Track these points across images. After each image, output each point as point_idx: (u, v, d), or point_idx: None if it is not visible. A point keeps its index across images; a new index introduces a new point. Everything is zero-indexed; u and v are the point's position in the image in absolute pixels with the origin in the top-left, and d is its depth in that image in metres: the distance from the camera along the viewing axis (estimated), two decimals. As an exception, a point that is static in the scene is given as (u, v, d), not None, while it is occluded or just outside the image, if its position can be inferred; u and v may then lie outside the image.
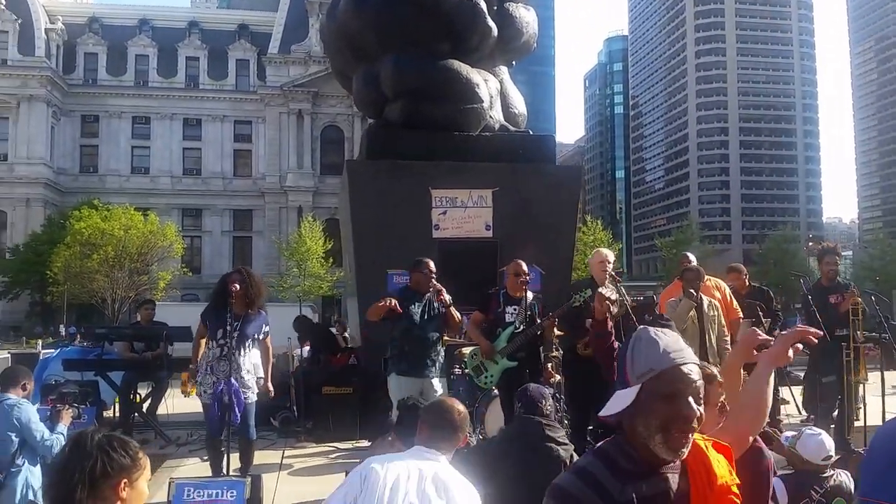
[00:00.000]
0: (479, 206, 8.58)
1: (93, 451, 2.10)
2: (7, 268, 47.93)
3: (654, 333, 1.80)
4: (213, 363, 5.88)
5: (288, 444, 7.83)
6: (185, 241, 50.21)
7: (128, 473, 2.12)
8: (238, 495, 4.97)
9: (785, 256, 55.44)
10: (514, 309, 6.26)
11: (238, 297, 5.86)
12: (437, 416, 3.02)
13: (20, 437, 4.62)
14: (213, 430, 5.92)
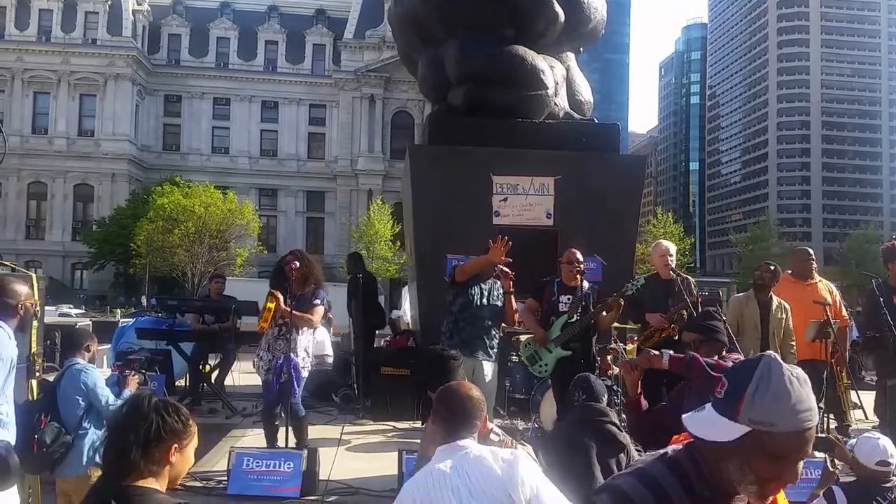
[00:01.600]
0: (540, 194, 8.58)
1: (149, 413, 2.19)
2: (93, 239, 50.25)
3: (788, 379, 1.53)
4: (270, 342, 6.09)
5: (347, 421, 8.02)
6: (261, 220, 51.55)
7: (179, 439, 2.21)
8: (295, 467, 5.18)
9: (866, 257, 53.29)
10: (569, 298, 6.24)
11: (296, 277, 6.04)
12: (448, 408, 2.82)
13: (86, 400, 4.87)
14: (269, 404, 6.16)
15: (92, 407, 4.88)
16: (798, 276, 7.48)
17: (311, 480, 5.22)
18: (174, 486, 2.30)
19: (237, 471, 5.11)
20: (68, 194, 56.68)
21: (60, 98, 56.39)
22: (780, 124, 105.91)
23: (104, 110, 56.38)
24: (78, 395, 4.83)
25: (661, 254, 6.51)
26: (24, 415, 4.85)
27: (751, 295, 6.93)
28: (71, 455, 4.80)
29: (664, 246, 6.68)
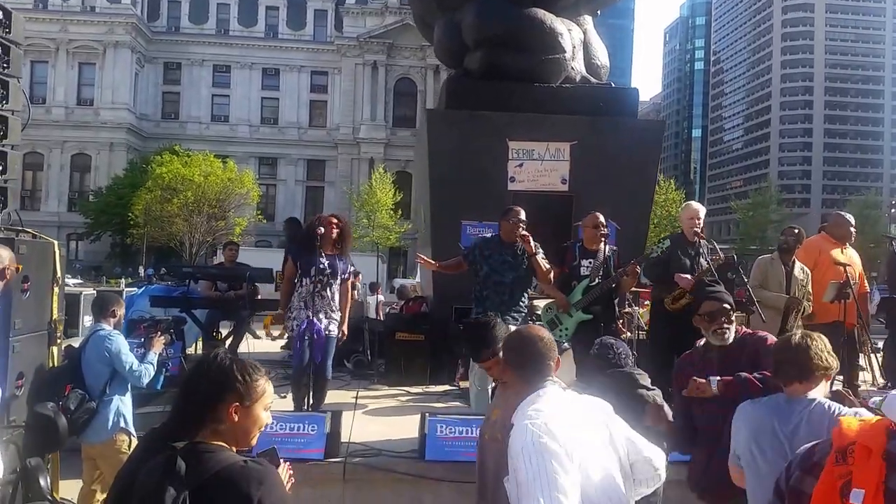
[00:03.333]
0: (556, 160, 8.51)
1: (213, 370, 2.23)
2: (90, 209, 50.04)
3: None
4: (307, 298, 6.09)
5: (361, 386, 8.06)
6: (260, 189, 51.37)
7: (241, 397, 2.23)
8: (319, 429, 5.18)
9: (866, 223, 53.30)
10: (590, 262, 6.25)
11: (330, 240, 6.05)
12: (520, 353, 2.74)
13: (111, 367, 4.86)
14: (297, 364, 6.17)
15: (116, 373, 4.89)
16: (837, 238, 7.48)
17: (334, 443, 5.24)
18: (245, 444, 2.29)
19: (262, 433, 5.10)
20: (65, 164, 56.31)
21: (59, 67, 55.85)
22: (783, 90, 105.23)
23: (103, 79, 55.87)
24: (102, 362, 4.84)
25: (690, 216, 6.54)
26: (50, 381, 4.87)
27: (776, 257, 7.02)
28: (95, 421, 4.82)
29: (694, 208, 6.71)
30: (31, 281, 4.82)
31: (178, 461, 2.09)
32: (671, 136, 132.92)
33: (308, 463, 5.14)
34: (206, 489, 2.09)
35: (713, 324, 3.70)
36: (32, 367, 4.87)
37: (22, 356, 4.74)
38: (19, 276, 4.57)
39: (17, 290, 4.62)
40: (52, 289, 5.27)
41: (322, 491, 5.24)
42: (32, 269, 4.87)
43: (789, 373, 2.95)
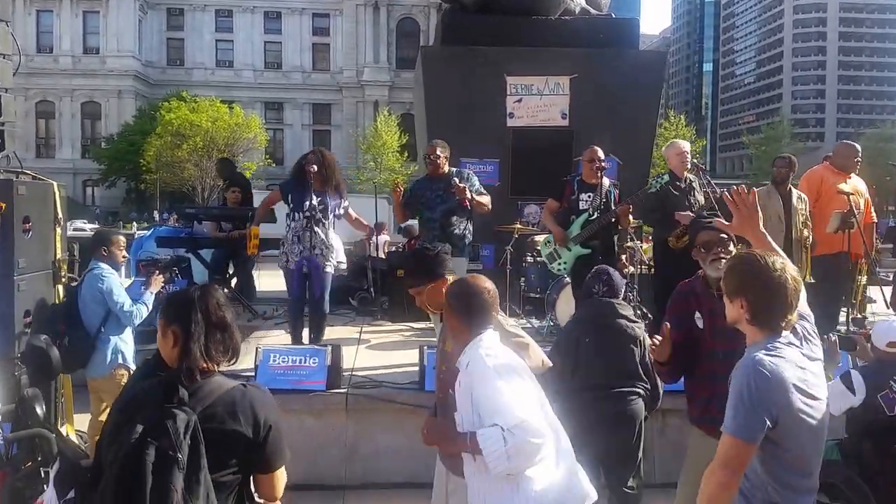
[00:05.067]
0: (555, 94, 8.45)
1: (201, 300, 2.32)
2: (103, 156, 50.32)
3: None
4: (300, 233, 6.13)
5: (365, 322, 8.21)
6: (268, 134, 51.19)
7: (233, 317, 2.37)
8: (320, 362, 5.31)
9: (881, 156, 52.63)
10: (589, 196, 6.23)
11: (315, 178, 6.06)
12: (465, 303, 2.85)
13: (105, 306, 4.99)
14: (294, 298, 6.28)
15: (111, 311, 5.00)
16: (840, 168, 7.36)
17: (335, 374, 5.37)
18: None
19: (264, 366, 5.25)
20: (76, 113, 56.49)
21: (63, 15, 55.45)
22: (795, 21, 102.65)
23: (107, 26, 55.43)
24: (95, 301, 4.96)
25: (678, 152, 6.46)
26: (49, 318, 5.00)
27: (771, 189, 6.93)
28: (95, 357, 4.98)
29: (680, 144, 6.63)
30: (32, 221, 4.90)
31: (180, 389, 2.16)
32: (681, 70, 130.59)
33: (310, 394, 5.31)
34: (212, 412, 2.18)
35: (710, 254, 3.61)
36: (39, 304, 4.99)
37: (27, 294, 4.85)
38: (19, 217, 4.66)
39: (18, 231, 4.71)
40: (54, 229, 5.35)
41: (325, 421, 5.41)
42: (33, 210, 4.94)
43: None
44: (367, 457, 5.46)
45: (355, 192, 37.87)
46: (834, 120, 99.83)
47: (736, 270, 2.53)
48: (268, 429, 2.26)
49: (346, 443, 5.45)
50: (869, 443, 3.85)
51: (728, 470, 2.32)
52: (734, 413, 2.33)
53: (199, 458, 2.09)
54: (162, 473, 2.03)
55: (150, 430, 2.09)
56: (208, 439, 2.12)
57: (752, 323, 2.46)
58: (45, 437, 3.75)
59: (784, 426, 2.34)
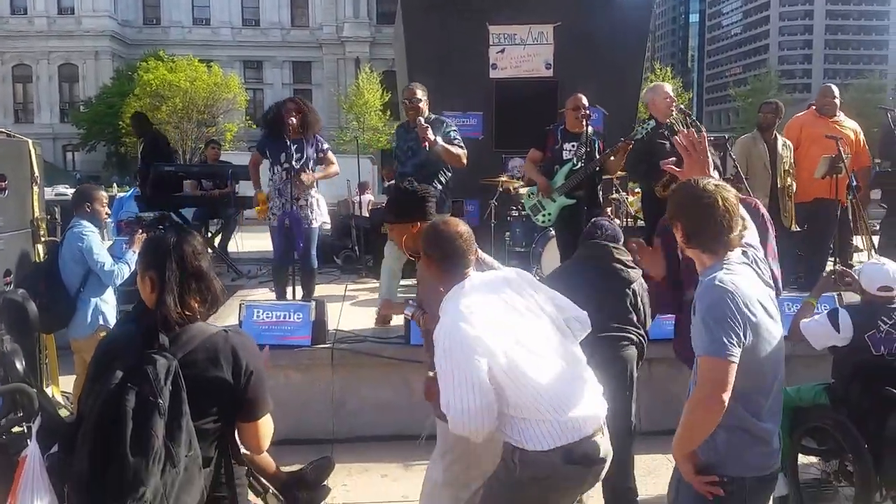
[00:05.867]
0: (538, 44, 8.30)
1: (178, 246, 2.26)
2: (82, 120, 49.56)
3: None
4: (280, 187, 6.00)
5: (350, 280, 8.20)
6: (248, 94, 50.48)
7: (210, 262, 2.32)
8: (304, 317, 5.27)
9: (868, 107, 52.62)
10: (573, 145, 6.10)
11: (293, 128, 5.89)
12: (441, 248, 2.77)
13: (85, 265, 4.89)
14: (278, 255, 6.19)
15: (92, 271, 4.90)
16: (822, 112, 7.30)
17: (320, 329, 5.34)
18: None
19: (248, 322, 5.21)
20: (53, 75, 55.37)
21: (34, -26, 53.99)
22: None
23: (81, -16, 54.11)
24: (75, 260, 4.86)
25: (663, 96, 6.31)
26: (29, 277, 4.92)
27: (756, 135, 6.86)
28: (76, 317, 4.90)
29: (664, 87, 6.46)
30: (8, 180, 4.80)
31: (160, 335, 2.12)
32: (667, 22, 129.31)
33: (295, 349, 5.29)
34: (193, 358, 2.14)
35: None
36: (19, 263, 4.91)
37: (6, 253, 4.78)
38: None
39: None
40: (31, 188, 5.24)
41: (311, 376, 5.40)
42: (8, 168, 4.85)
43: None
44: (354, 411, 5.47)
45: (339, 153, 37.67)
46: (821, 71, 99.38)
47: (673, 197, 2.61)
48: (249, 374, 2.21)
49: (332, 397, 5.45)
50: (857, 385, 3.85)
51: (712, 393, 2.31)
52: (704, 334, 2.34)
53: (181, 404, 2.05)
54: (142, 419, 1.99)
55: (129, 375, 2.05)
56: (190, 385, 2.08)
57: (689, 245, 2.52)
58: (25, 393, 3.70)
59: (750, 343, 2.36)
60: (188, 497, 2.08)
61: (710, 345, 2.31)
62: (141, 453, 1.96)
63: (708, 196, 2.42)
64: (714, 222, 2.41)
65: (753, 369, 2.38)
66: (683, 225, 2.49)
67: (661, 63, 64.68)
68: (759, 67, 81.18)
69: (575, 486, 2.64)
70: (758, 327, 2.37)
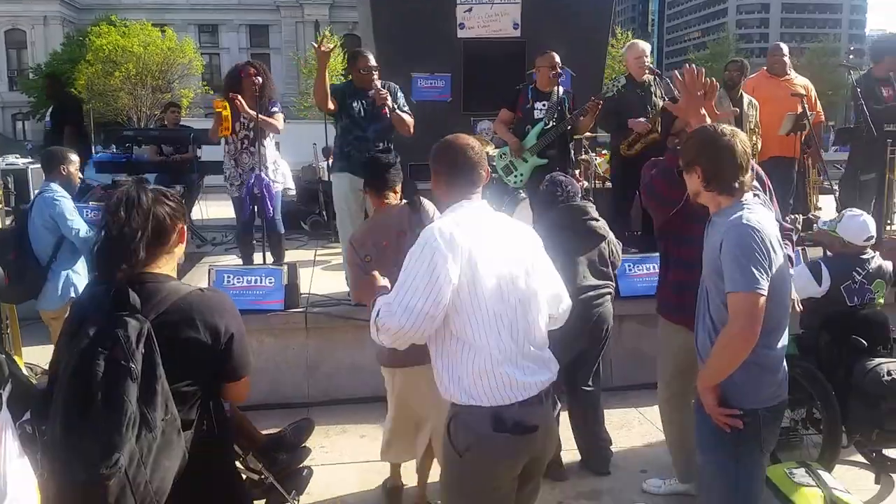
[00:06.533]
0: (506, 3, 8.17)
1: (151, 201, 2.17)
2: (31, 87, 47.87)
3: None
4: (236, 156, 5.92)
5: (319, 245, 8.11)
6: (203, 59, 49.32)
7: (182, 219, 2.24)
8: (276, 282, 5.20)
9: (824, 70, 53.42)
10: (544, 104, 6.08)
11: (251, 93, 5.75)
12: (450, 162, 2.58)
13: (57, 233, 4.72)
14: (245, 224, 6.09)
15: (64, 240, 4.75)
16: (773, 72, 7.48)
17: (293, 293, 5.28)
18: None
19: (218, 287, 5.11)
20: (-1, 42, 53.45)
21: (-24, -67, 51.67)
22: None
23: (26, -56, 51.98)
24: (47, 228, 4.70)
25: (637, 55, 6.36)
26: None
27: (723, 94, 6.88)
28: (47, 289, 4.75)
29: (639, 45, 6.53)
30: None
31: (130, 293, 2.03)
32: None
33: (268, 314, 5.22)
34: (167, 319, 2.06)
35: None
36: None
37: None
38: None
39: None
40: None
41: (285, 340, 5.35)
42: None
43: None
44: (329, 374, 5.45)
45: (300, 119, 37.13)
46: (778, 35, 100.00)
47: (690, 142, 2.68)
48: (229, 336, 2.14)
49: (306, 361, 5.43)
50: (826, 334, 3.94)
51: (747, 325, 2.39)
52: (734, 270, 2.40)
53: (155, 367, 1.97)
54: (114, 385, 1.91)
55: (99, 339, 1.97)
56: (164, 348, 2.00)
57: (708, 189, 2.58)
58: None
59: (772, 280, 2.44)
60: (167, 461, 2.01)
61: (742, 279, 2.38)
62: (113, 419, 1.90)
63: (726, 138, 2.53)
64: (732, 164, 2.52)
65: (771, 305, 2.45)
66: (703, 167, 2.57)
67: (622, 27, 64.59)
68: (718, 31, 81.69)
69: (508, 460, 2.44)
70: (774, 264, 2.46)
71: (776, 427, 2.68)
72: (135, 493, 1.94)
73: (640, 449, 4.66)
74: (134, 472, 1.92)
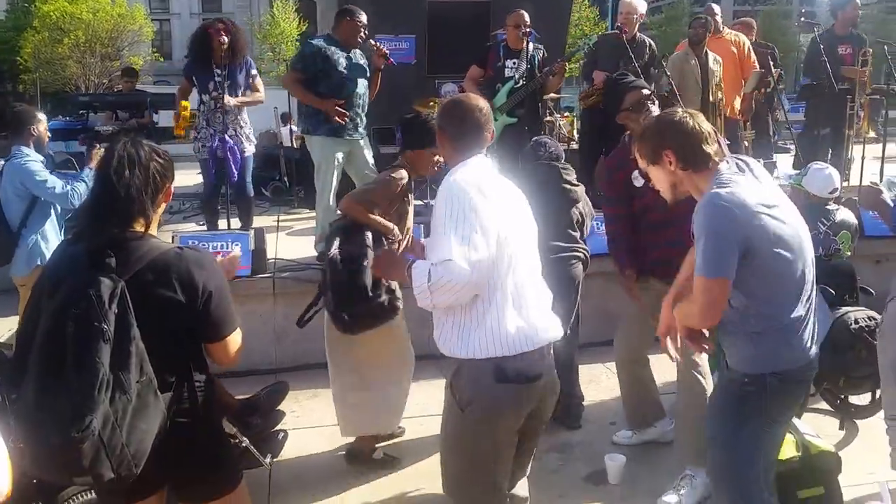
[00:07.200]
0: (471, -36, 8.08)
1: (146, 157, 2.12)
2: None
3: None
4: (209, 116, 5.76)
5: (281, 211, 8.00)
6: (154, 25, 47.96)
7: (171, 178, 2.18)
8: (243, 247, 5.10)
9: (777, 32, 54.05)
10: (514, 62, 6.04)
11: (225, 53, 5.57)
12: (459, 121, 2.59)
13: (29, 197, 4.56)
14: (209, 188, 5.95)
15: (35, 204, 4.60)
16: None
17: (260, 259, 5.21)
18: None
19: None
20: (-63, 9, 51.18)
21: None
22: None
23: None
24: (18, 195, 4.56)
25: (627, 11, 6.41)
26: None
27: (688, 51, 6.93)
28: (17, 254, 4.61)
29: (631, 3, 6.52)
30: None
31: (107, 252, 1.97)
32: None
33: (234, 280, 5.11)
34: (142, 278, 1.99)
35: (640, 113, 3.68)
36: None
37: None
38: None
39: None
40: None
41: (252, 306, 5.27)
42: None
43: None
44: (298, 340, 5.37)
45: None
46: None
47: (650, 132, 2.60)
48: (207, 295, 2.07)
49: (274, 327, 5.35)
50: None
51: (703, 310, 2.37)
52: (702, 252, 2.33)
53: (128, 328, 1.91)
54: (85, 346, 1.86)
55: (72, 300, 1.90)
56: (139, 307, 1.94)
57: (686, 168, 2.49)
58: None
59: (759, 253, 2.33)
60: (144, 423, 1.96)
61: (705, 264, 2.32)
62: (85, 381, 1.84)
63: (684, 115, 2.52)
64: (699, 136, 2.46)
65: (771, 275, 2.37)
66: (674, 150, 2.49)
67: (584, -10, 64.45)
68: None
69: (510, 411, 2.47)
70: (764, 233, 2.33)
71: (790, 396, 2.52)
72: (110, 457, 1.89)
73: (608, 402, 4.73)
74: (108, 435, 1.87)
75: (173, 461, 2.11)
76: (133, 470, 1.95)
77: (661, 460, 3.85)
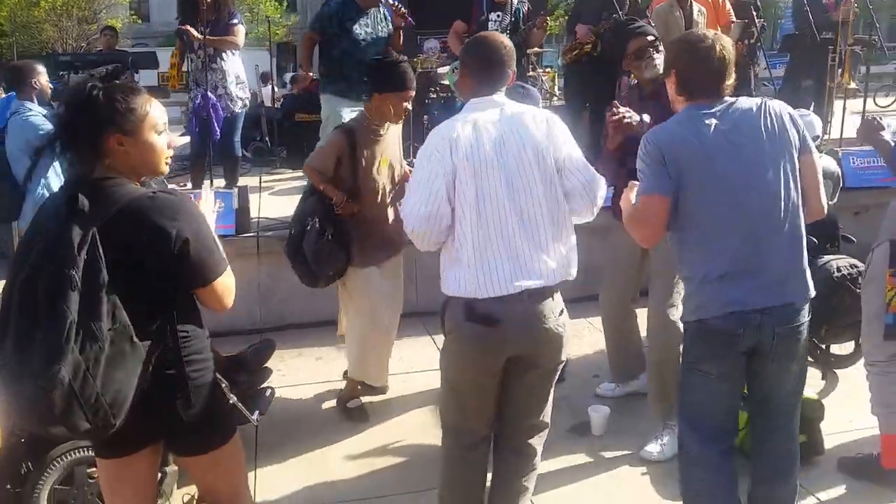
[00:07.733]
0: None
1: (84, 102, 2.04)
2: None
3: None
4: (198, 75, 5.70)
5: (263, 171, 7.92)
6: (131, -14, 47.05)
7: (119, 128, 2.04)
8: (227, 206, 5.05)
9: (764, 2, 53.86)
10: (498, 15, 5.98)
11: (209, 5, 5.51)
12: (483, 58, 2.58)
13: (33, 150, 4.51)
14: (196, 143, 5.89)
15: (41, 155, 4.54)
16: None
17: (244, 217, 5.17)
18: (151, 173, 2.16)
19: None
20: None
21: None
22: None
23: None
24: (23, 150, 4.48)
25: None
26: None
27: (673, 2, 6.83)
28: (25, 206, 4.58)
29: None
30: None
31: (80, 198, 1.91)
32: None
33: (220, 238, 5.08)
34: (114, 225, 1.93)
35: (643, 60, 3.62)
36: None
37: None
38: None
39: None
40: None
41: (237, 266, 5.12)
42: None
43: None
44: (283, 299, 5.38)
45: (236, 47, 36.01)
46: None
47: (670, 47, 2.64)
48: (183, 241, 1.99)
49: (259, 287, 5.34)
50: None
51: (632, 223, 2.56)
52: (640, 178, 2.44)
53: (97, 274, 1.85)
54: (54, 294, 1.81)
55: (48, 247, 1.87)
56: (111, 253, 1.89)
57: (680, 94, 2.50)
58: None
59: (693, 184, 2.37)
60: (120, 372, 1.91)
61: (642, 185, 2.44)
62: (52, 330, 1.80)
63: (705, 44, 2.43)
64: (710, 67, 2.41)
65: (706, 215, 2.40)
66: (678, 71, 2.48)
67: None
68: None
69: (477, 353, 2.51)
70: (694, 166, 2.37)
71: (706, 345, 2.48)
72: (84, 406, 1.85)
73: (591, 356, 4.78)
74: (80, 384, 1.82)
75: (163, 413, 2.09)
76: (111, 420, 1.91)
77: (644, 411, 3.89)
